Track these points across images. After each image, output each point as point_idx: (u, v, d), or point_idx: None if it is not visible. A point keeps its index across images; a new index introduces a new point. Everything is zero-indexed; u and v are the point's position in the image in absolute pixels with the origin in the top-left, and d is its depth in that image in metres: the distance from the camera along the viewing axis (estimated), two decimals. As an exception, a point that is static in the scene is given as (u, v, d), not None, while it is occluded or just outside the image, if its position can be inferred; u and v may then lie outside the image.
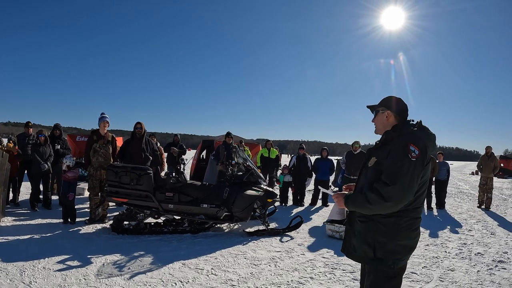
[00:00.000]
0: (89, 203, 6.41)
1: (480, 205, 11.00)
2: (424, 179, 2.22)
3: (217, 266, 4.42)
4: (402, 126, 2.33)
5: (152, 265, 4.32)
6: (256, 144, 13.32)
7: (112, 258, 4.50)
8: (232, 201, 5.99)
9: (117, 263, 4.34)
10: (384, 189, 2.07)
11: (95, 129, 6.65)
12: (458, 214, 9.55)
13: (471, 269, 4.96)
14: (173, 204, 5.79)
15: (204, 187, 6.16)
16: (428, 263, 5.09)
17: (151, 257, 4.61)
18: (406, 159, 2.10)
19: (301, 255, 5.12)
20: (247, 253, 5.07)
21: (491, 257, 5.58)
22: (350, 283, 4.15)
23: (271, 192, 6.60)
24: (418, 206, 2.25)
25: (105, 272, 4.03)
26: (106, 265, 4.24)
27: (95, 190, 6.30)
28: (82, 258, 4.43)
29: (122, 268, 4.16)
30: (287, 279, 4.13)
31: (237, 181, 6.36)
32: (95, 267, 4.16)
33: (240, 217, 6.08)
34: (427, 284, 4.27)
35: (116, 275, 3.96)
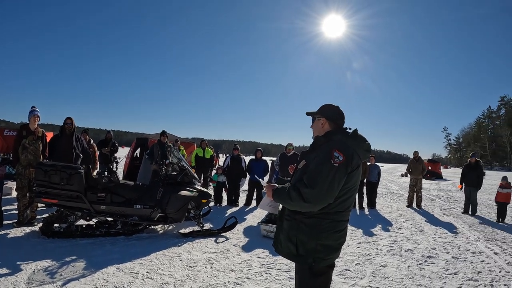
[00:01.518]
0: (17, 204, 5.95)
1: (409, 205, 11.83)
2: (349, 186, 2.34)
3: (152, 269, 4.36)
4: (333, 133, 2.46)
5: (85, 270, 4.16)
6: (191, 143, 13.20)
7: (43, 264, 4.27)
8: (166, 201, 5.92)
9: (49, 269, 4.12)
10: (303, 189, 2.19)
11: (25, 123, 6.21)
12: (388, 213, 10.18)
13: (402, 264, 5.32)
14: (105, 205, 5.59)
15: (137, 187, 6.02)
16: (361, 260, 5.39)
17: (84, 261, 4.43)
18: (328, 164, 2.22)
19: (237, 256, 5.19)
20: (182, 255, 5.05)
21: (420, 253, 6.03)
22: (286, 282, 4.29)
23: (205, 192, 6.60)
24: (342, 210, 2.37)
25: (36, 279, 3.82)
26: (37, 272, 4.01)
27: (23, 190, 5.89)
28: (11, 264, 4.15)
29: (54, 275, 3.97)
30: (223, 281, 4.19)
31: (171, 181, 6.29)
32: (25, 275, 3.92)
33: (175, 218, 6.01)
34: (360, 280, 4.52)
35: (48, 282, 3.77)
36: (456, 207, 12.24)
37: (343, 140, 2.39)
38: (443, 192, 17.89)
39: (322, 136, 2.49)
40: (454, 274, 5.03)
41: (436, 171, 31.32)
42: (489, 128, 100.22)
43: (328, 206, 2.29)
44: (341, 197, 2.32)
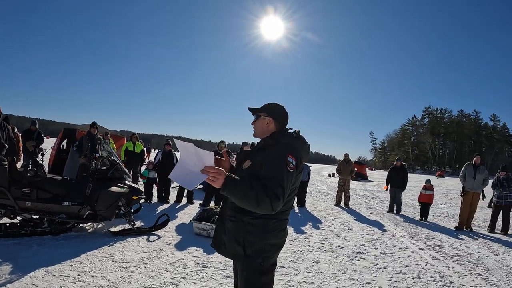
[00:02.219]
0: None
1: (337, 204, 12.40)
2: (295, 186, 2.35)
3: (83, 272, 4.19)
4: (280, 134, 2.42)
5: (12, 274, 3.89)
6: (121, 136, 12.71)
7: (-37, 268, 3.91)
8: (96, 198, 5.65)
9: (-31, 274, 3.79)
10: (275, 202, 2.09)
11: None
12: (318, 212, 10.56)
13: (334, 260, 5.60)
14: (31, 202, 5.21)
15: (65, 183, 5.69)
16: (294, 256, 5.58)
17: (9, 265, 4.13)
18: (286, 172, 2.18)
19: (171, 255, 5.15)
20: (114, 255, 4.91)
21: (350, 249, 6.36)
22: (223, 280, 4.34)
23: (136, 189, 6.44)
24: (286, 209, 2.38)
25: (-43, 286, 3.51)
26: (-43, 278, 3.67)
27: None
28: None
29: (-24, 280, 3.66)
30: (159, 281, 4.14)
31: (101, 176, 6.03)
32: None
33: (105, 215, 5.77)
34: (295, 276, 4.69)
35: (-30, 289, 3.48)
36: (382, 207, 12.97)
37: (291, 143, 2.37)
38: (369, 192, 18.86)
39: (269, 138, 2.42)
40: (383, 268, 5.37)
41: (362, 172, 32.76)
42: (413, 135, 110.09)
43: None
44: (287, 197, 2.31)
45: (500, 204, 9.09)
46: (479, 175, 9.02)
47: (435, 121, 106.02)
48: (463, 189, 9.29)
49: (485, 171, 9.18)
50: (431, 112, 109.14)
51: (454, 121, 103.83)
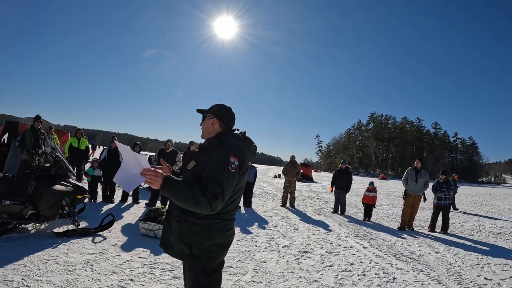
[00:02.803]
0: None
1: (283, 204, 12.61)
2: (239, 187, 2.42)
3: (28, 276, 4.09)
4: (225, 135, 2.47)
5: (-50, 279, 3.71)
6: (65, 131, 12.24)
7: None
8: (39, 197, 5.46)
9: None
10: (213, 202, 2.13)
11: None
12: (264, 212, 10.70)
13: (281, 259, 5.74)
14: None
15: (6, 180, 5.45)
16: (241, 256, 5.69)
17: None
18: (227, 171, 2.23)
19: (117, 256, 5.10)
20: (59, 257, 4.80)
21: (296, 248, 6.52)
22: (171, 281, 4.36)
23: (81, 187, 6.27)
24: (231, 209, 2.44)
25: None
26: None
27: None
28: None
29: None
30: (106, 284, 4.10)
31: (44, 173, 5.83)
32: None
33: (48, 215, 5.60)
34: (244, 276, 4.80)
35: None
36: (327, 207, 13.29)
37: (235, 143, 2.42)
38: (314, 194, 19.14)
39: (214, 138, 2.47)
40: (329, 266, 5.58)
41: (307, 174, 33.61)
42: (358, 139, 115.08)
43: None
44: (231, 197, 2.38)
45: (440, 205, 9.80)
46: (420, 178, 9.63)
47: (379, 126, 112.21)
48: (405, 192, 9.87)
49: (426, 175, 9.80)
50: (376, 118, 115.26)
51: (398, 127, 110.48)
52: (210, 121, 2.53)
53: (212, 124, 2.52)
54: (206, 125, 2.55)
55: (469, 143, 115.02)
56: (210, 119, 2.53)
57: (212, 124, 2.52)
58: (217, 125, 2.53)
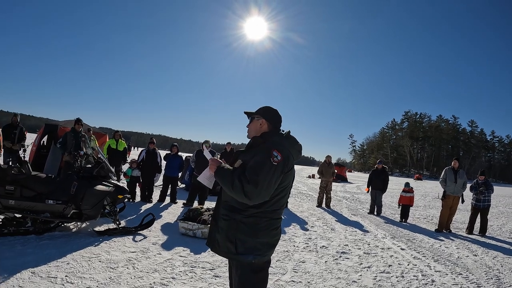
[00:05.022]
0: None
1: (319, 205, 12.48)
2: (284, 185, 2.46)
3: (71, 273, 4.08)
4: (271, 134, 2.55)
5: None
6: (103, 133, 12.44)
7: None
8: (81, 197, 5.52)
9: (-46, 276, 3.62)
10: (246, 185, 2.24)
11: None
12: (300, 212, 10.58)
13: (319, 260, 5.65)
14: (14, 200, 5.04)
15: (50, 181, 5.52)
16: (280, 256, 5.60)
17: (-7, 265, 3.98)
18: (267, 163, 2.30)
19: (158, 255, 5.09)
20: (101, 255, 4.80)
21: (334, 249, 6.42)
22: (212, 280, 4.31)
23: (121, 187, 6.33)
24: (278, 208, 2.48)
25: None
26: None
27: None
28: None
29: (-39, 282, 3.51)
30: (149, 282, 4.08)
31: (86, 174, 5.90)
32: None
33: (90, 215, 5.65)
34: (283, 276, 4.73)
35: (-45, 291, 3.34)
36: (362, 208, 13.11)
37: (280, 141, 2.49)
38: (349, 194, 18.93)
39: (259, 137, 2.55)
40: (368, 267, 5.46)
41: (342, 174, 33.05)
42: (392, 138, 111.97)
43: (265, 204, 2.39)
44: (277, 195, 2.43)
45: (478, 207, 9.35)
46: (459, 179, 9.22)
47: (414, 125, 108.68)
48: (444, 193, 9.47)
49: (464, 175, 9.39)
50: (410, 117, 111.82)
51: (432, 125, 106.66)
52: (258, 122, 2.61)
53: (261, 125, 2.60)
54: (254, 126, 2.63)
55: (506, 141, 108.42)
56: (258, 120, 2.61)
57: (260, 125, 2.60)
58: (265, 126, 2.60)
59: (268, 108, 2.68)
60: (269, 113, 2.65)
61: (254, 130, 2.63)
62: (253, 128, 2.64)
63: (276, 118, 2.66)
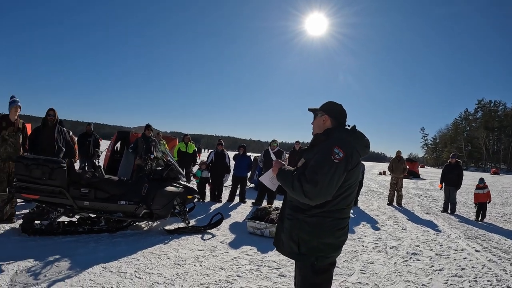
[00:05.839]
0: None
1: (390, 203, 11.99)
2: (350, 183, 2.32)
3: (140, 268, 4.20)
4: (334, 130, 2.44)
5: (70, 270, 3.95)
6: (172, 137, 12.95)
7: (26, 264, 4.01)
8: (152, 198, 5.72)
9: (32, 269, 3.88)
10: (305, 184, 2.16)
11: (4, 114, 5.84)
12: (370, 211, 10.27)
13: (389, 261, 5.37)
14: (88, 201, 5.32)
15: (122, 183, 5.79)
16: (348, 257, 5.40)
17: (68, 261, 4.21)
18: (328, 160, 2.20)
19: (225, 253, 5.10)
20: (170, 252, 4.91)
21: (405, 249, 6.11)
22: (277, 279, 4.24)
23: (191, 188, 6.48)
24: (343, 207, 2.35)
25: (20, 281, 3.58)
26: (19, 273, 3.77)
27: (2, 185, 5.53)
28: (-9, 265, 3.89)
29: (38, 276, 3.74)
30: (214, 279, 4.09)
31: (156, 176, 6.10)
32: (7, 276, 3.67)
33: (160, 214, 5.83)
34: (350, 277, 4.54)
35: (32, 284, 3.54)
36: (435, 206, 12.45)
37: (342, 137, 2.37)
38: (421, 191, 18.15)
39: (321, 134, 2.46)
40: (439, 270, 5.12)
41: (414, 170, 31.70)
42: (466, 130, 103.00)
43: (329, 203, 2.27)
44: (342, 194, 2.30)
45: None
46: None
47: (488, 114, 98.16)
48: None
49: None
50: (484, 105, 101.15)
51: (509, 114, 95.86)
52: (321, 118, 2.53)
53: (324, 121, 2.52)
54: (317, 122, 2.56)
55: None
56: (322, 116, 2.53)
57: (323, 121, 2.52)
58: (328, 122, 2.51)
59: (331, 103, 2.59)
60: (332, 108, 2.56)
61: (317, 127, 2.56)
62: (317, 125, 2.57)
63: (340, 113, 2.55)
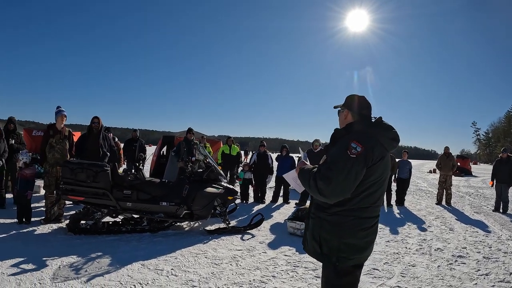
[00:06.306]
0: (45, 202, 6.07)
1: (438, 202, 11.46)
2: (373, 179, 2.19)
3: (177, 266, 4.34)
4: (355, 124, 2.35)
5: (110, 266, 4.18)
6: (217, 140, 13.19)
7: (69, 260, 4.31)
8: (192, 198, 5.88)
9: (74, 265, 4.16)
10: (319, 183, 2.09)
11: (52, 123, 6.33)
12: (417, 211, 9.90)
13: (432, 264, 5.13)
14: (131, 202, 5.60)
15: (163, 185, 6.02)
16: (389, 259, 5.23)
17: (109, 258, 4.46)
18: (344, 156, 2.10)
19: (263, 253, 5.11)
20: (207, 252, 5.01)
21: (450, 252, 5.81)
22: (312, 280, 4.18)
23: (231, 189, 6.55)
24: (366, 206, 2.21)
25: (61, 275, 3.86)
26: (62, 268, 4.06)
27: (51, 188, 5.99)
28: (37, 260, 4.21)
29: (79, 271, 4.00)
30: (249, 278, 4.12)
31: (197, 178, 6.25)
32: (50, 270, 3.97)
33: (200, 215, 5.98)
34: (389, 280, 4.38)
35: (72, 278, 3.80)
36: (487, 205, 11.81)
37: (363, 130, 2.26)
38: (473, 189, 17.28)
39: (342, 129, 2.39)
40: (485, 275, 4.83)
41: (465, 167, 30.27)
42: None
43: (350, 201, 2.16)
44: (365, 191, 2.17)
45: None
46: None
47: None
48: None
49: None
50: None
51: None
52: (343, 114, 2.47)
53: (345, 116, 2.45)
54: (340, 118, 2.50)
55: None
56: (343, 111, 2.47)
57: (345, 116, 2.45)
58: (350, 116, 2.43)
59: (350, 97, 2.49)
60: (351, 101, 2.46)
61: (341, 123, 2.48)
62: (341, 122, 2.49)
63: (360, 105, 2.43)
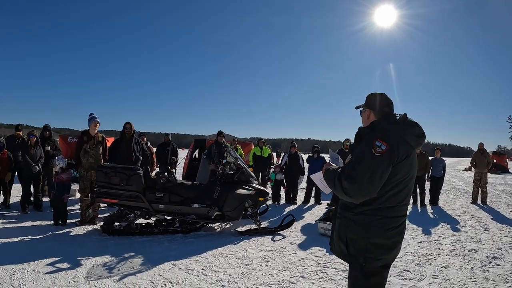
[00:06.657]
0: (80, 205, 6.36)
1: (474, 201, 11.08)
2: (399, 178, 2.14)
3: (207, 267, 4.41)
4: (378, 122, 2.32)
5: (142, 266, 4.31)
6: (248, 142, 13.29)
7: (102, 259, 4.49)
8: (223, 200, 5.96)
9: (107, 264, 4.33)
10: (343, 183, 2.07)
11: (86, 130, 6.62)
12: (451, 210, 9.59)
13: (465, 266, 4.95)
14: (163, 204, 5.75)
15: (194, 187, 6.14)
16: (421, 260, 5.09)
17: (141, 258, 4.60)
18: (368, 154, 2.08)
19: (293, 254, 5.11)
20: (238, 252, 5.06)
21: (485, 253, 5.59)
22: (342, 282, 4.13)
23: (262, 191, 6.58)
24: (393, 205, 2.17)
25: (95, 274, 4.02)
26: (96, 267, 4.23)
27: (85, 191, 6.26)
28: (72, 260, 4.40)
29: (112, 270, 4.16)
30: (278, 279, 4.12)
31: (228, 180, 6.32)
32: (84, 269, 4.15)
33: (232, 216, 6.04)
34: (420, 282, 4.26)
35: (105, 276, 3.95)
36: None
37: (388, 128, 2.23)
38: (509, 187, 16.56)
39: (366, 127, 2.35)
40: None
41: (502, 164, 29.03)
42: None
43: (376, 201, 2.13)
44: (391, 190, 2.13)
45: None
46: None
47: None
48: None
49: None
50: None
51: None
52: (365, 113, 2.44)
53: (368, 115, 2.42)
54: (363, 118, 2.48)
55: None
56: (365, 111, 2.45)
57: (367, 116, 2.43)
58: (372, 115, 2.40)
59: (370, 95, 2.46)
60: (371, 100, 2.43)
61: (365, 123, 2.45)
62: (364, 121, 2.47)
63: (381, 102, 2.40)
